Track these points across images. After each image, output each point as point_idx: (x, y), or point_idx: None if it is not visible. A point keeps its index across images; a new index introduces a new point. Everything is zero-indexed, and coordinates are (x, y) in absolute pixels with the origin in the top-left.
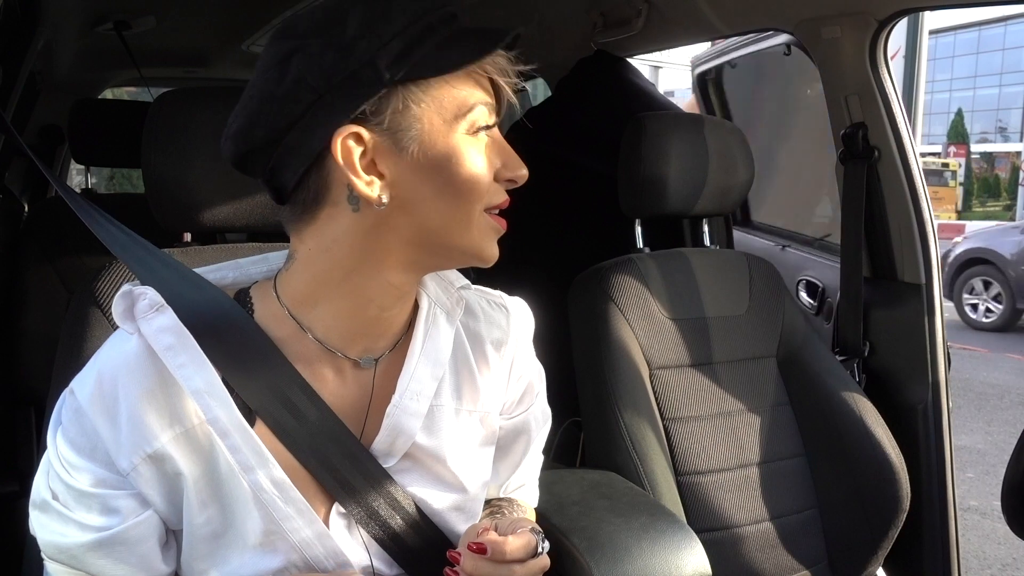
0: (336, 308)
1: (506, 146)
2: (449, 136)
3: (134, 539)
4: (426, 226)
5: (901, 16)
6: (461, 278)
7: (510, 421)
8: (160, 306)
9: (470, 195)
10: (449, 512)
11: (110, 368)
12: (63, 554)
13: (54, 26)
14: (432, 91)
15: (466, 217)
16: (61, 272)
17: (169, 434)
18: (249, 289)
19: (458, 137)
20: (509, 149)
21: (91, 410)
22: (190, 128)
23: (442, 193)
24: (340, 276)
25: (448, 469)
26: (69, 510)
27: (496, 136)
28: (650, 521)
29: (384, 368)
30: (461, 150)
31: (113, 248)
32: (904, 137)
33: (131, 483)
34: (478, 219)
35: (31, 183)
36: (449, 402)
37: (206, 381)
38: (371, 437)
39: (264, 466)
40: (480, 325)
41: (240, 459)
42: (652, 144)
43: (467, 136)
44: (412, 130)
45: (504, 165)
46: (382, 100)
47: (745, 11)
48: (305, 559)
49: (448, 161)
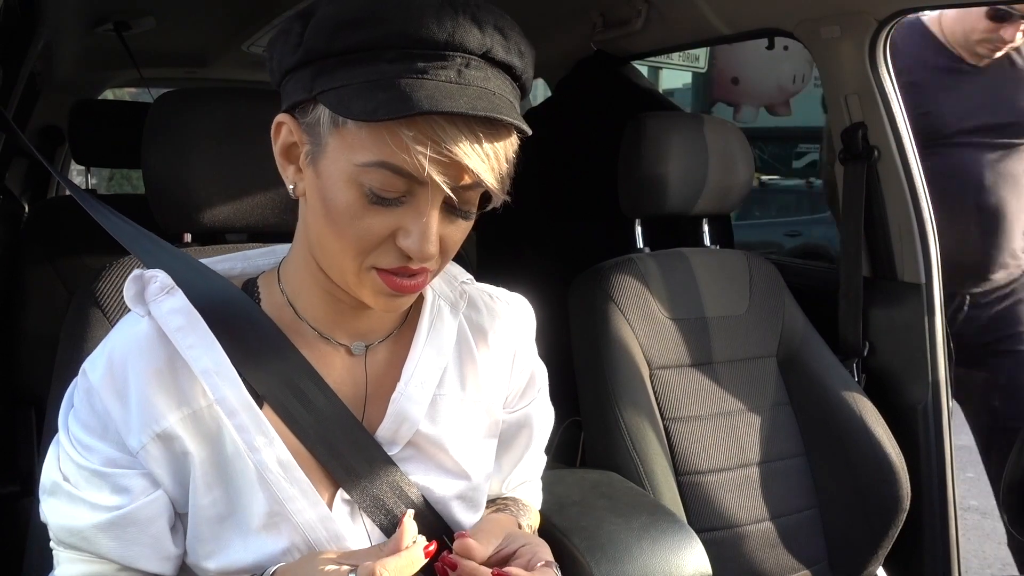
0: (314, 294)
1: (421, 219)
2: (346, 182)
3: (144, 519)
4: (318, 244)
5: (901, 16)
6: (464, 272)
7: (513, 414)
8: (171, 288)
9: (346, 247)
10: (453, 501)
11: (121, 349)
12: (73, 536)
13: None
14: (350, 129)
15: (345, 264)
16: (61, 272)
17: (177, 415)
18: (257, 279)
19: (353, 188)
20: (425, 225)
21: (102, 390)
22: (190, 129)
23: (326, 227)
24: (306, 261)
25: (451, 457)
26: (79, 491)
27: (415, 205)
28: (650, 521)
29: (385, 356)
30: (347, 202)
31: (121, 239)
32: (904, 137)
33: (141, 462)
34: (363, 272)
35: (31, 184)
36: (452, 391)
37: (215, 361)
38: (373, 424)
39: (270, 446)
40: (483, 318)
41: (246, 438)
42: (652, 144)
43: (362, 193)
44: (320, 148)
45: (401, 231)
46: (310, 106)
47: (745, 11)
48: (308, 542)
49: (333, 203)
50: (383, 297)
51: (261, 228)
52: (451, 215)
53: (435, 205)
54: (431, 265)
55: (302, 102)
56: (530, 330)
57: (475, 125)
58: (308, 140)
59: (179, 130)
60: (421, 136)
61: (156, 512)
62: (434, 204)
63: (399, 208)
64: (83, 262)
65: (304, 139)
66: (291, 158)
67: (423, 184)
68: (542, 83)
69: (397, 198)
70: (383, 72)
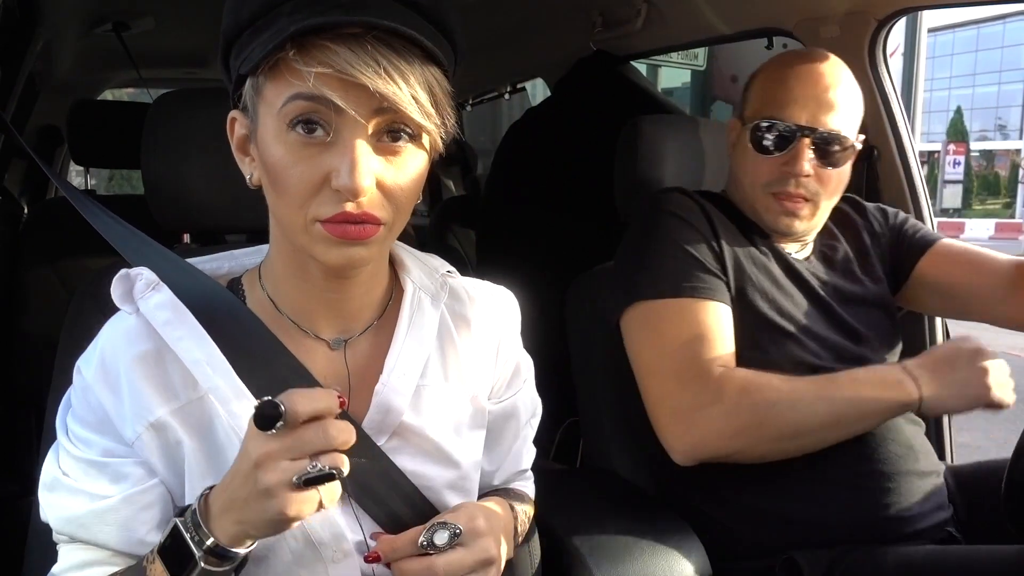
0: (291, 285)
1: (347, 153)
2: (275, 136)
3: (142, 505)
4: (276, 217)
5: (900, 16)
6: (445, 264)
7: (499, 405)
8: (156, 284)
9: (289, 201)
10: (443, 489)
11: (111, 345)
12: (72, 524)
13: (53, 27)
14: (264, 86)
15: (294, 221)
16: (61, 273)
17: (167, 407)
18: (241, 277)
19: (281, 138)
20: (351, 157)
21: (96, 385)
22: (189, 129)
23: (272, 191)
24: (280, 252)
25: (437, 447)
26: (78, 483)
27: (340, 141)
28: (650, 521)
29: (367, 349)
30: (280, 154)
31: (110, 238)
32: (903, 136)
33: (137, 451)
34: (310, 227)
35: (30, 185)
36: (436, 382)
37: (205, 352)
38: (358, 416)
39: None
40: (466, 308)
41: (239, 424)
42: (648, 147)
43: (290, 139)
44: (256, 122)
45: (333, 172)
46: (242, 89)
47: (744, 11)
48: (303, 529)
49: (271, 162)
50: (333, 248)
51: (260, 228)
52: (386, 154)
53: (357, 134)
54: (377, 212)
55: (238, 88)
56: (514, 321)
57: (371, 46)
58: (249, 122)
59: (178, 130)
60: (314, 62)
61: (153, 499)
62: (356, 134)
63: (328, 150)
64: (83, 263)
65: (247, 123)
66: (245, 150)
67: (341, 115)
68: (542, 83)
69: (323, 133)
70: (282, 25)
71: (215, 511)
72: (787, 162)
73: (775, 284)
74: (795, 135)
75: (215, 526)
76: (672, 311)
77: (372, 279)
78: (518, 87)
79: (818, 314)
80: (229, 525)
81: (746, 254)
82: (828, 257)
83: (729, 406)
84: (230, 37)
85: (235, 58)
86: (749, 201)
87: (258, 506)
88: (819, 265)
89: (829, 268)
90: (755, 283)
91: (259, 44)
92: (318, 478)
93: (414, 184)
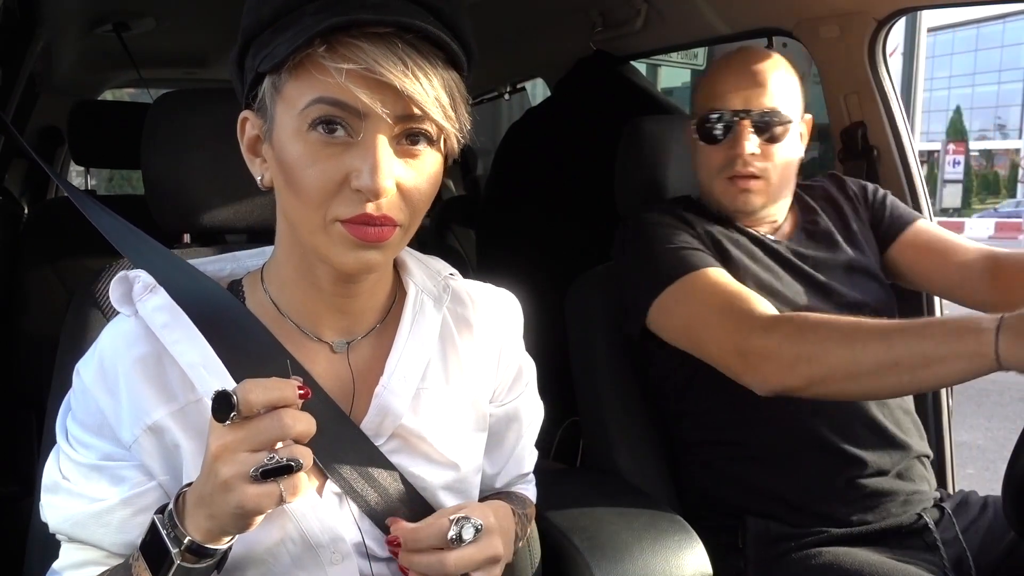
0: (297, 287)
1: (369, 154)
2: (294, 135)
3: (139, 507)
4: (289, 219)
5: (900, 15)
6: (447, 267)
7: (501, 408)
8: (153, 287)
9: (307, 200)
10: (440, 491)
11: (110, 348)
12: (69, 523)
13: (53, 28)
14: (286, 84)
15: (310, 222)
16: (61, 273)
17: (165, 410)
18: (242, 279)
19: (301, 137)
20: (373, 157)
21: (94, 388)
22: (189, 129)
23: (288, 191)
24: (288, 254)
25: (436, 450)
26: (78, 486)
27: (362, 142)
28: (650, 521)
29: (368, 351)
30: (299, 153)
31: (111, 238)
32: (903, 136)
33: (135, 455)
34: (328, 227)
35: (31, 185)
36: (436, 385)
37: (201, 355)
38: (359, 418)
39: None
40: (468, 311)
41: None
42: (648, 147)
43: (311, 138)
44: (273, 122)
45: (354, 172)
46: (258, 88)
47: (744, 11)
48: (300, 530)
49: (288, 161)
50: (352, 251)
51: (260, 229)
52: (405, 157)
53: (380, 132)
54: (395, 214)
55: (253, 87)
56: (517, 324)
57: (397, 45)
58: (263, 122)
59: (178, 131)
60: (343, 59)
61: (151, 502)
62: (379, 132)
63: (349, 151)
64: (83, 263)
65: (260, 124)
66: (256, 152)
67: (365, 118)
68: (542, 83)
69: (344, 134)
70: (308, 23)
71: (188, 507)
72: (732, 146)
73: (755, 261)
74: (734, 120)
75: (189, 523)
76: (695, 281)
77: (377, 283)
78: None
79: (803, 287)
80: (201, 521)
81: (724, 238)
82: (810, 232)
83: (782, 335)
84: (249, 35)
85: (253, 57)
86: (709, 191)
87: (221, 499)
88: (803, 241)
89: (812, 241)
90: (736, 263)
91: (284, 41)
92: (275, 470)
93: (430, 187)
